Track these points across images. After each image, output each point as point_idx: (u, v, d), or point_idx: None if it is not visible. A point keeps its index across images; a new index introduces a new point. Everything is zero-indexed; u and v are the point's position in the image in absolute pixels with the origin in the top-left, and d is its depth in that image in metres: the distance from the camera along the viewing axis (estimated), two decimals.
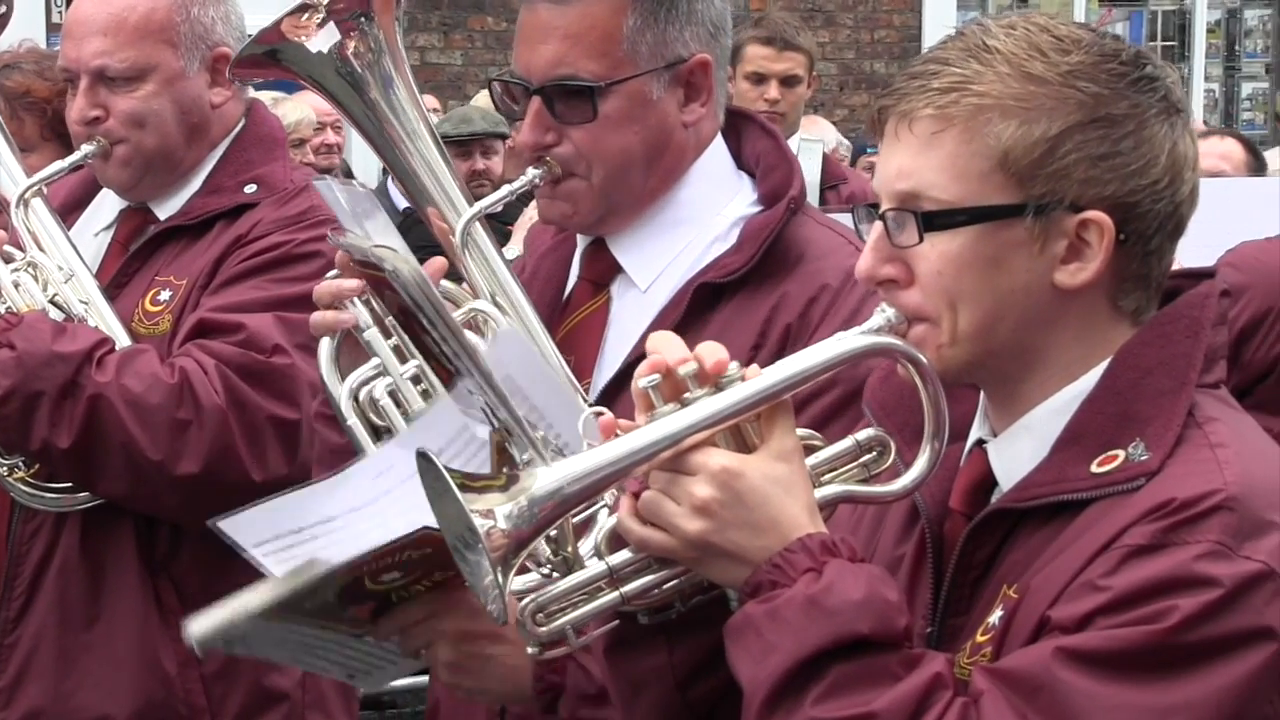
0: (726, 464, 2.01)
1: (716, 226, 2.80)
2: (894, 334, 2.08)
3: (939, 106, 2.04)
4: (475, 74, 12.82)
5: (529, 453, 2.08)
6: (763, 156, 2.85)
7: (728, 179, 2.85)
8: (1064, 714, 1.90)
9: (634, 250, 2.81)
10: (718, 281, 2.72)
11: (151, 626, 3.59)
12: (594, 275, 2.86)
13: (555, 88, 2.71)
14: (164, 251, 3.67)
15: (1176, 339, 2.07)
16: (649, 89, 2.73)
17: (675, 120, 2.77)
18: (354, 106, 2.84)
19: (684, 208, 2.80)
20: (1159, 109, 2.06)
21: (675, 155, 2.78)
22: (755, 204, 2.82)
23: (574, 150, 2.73)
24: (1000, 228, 2.04)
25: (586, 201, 2.76)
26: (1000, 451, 2.13)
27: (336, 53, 2.84)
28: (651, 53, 2.72)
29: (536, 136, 2.74)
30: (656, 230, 2.80)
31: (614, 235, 2.82)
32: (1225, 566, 1.91)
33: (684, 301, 2.73)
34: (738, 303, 2.71)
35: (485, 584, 1.96)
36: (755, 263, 2.71)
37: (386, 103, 2.83)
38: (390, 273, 2.00)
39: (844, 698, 1.94)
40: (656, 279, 2.80)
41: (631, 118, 2.73)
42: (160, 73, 3.61)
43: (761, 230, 2.74)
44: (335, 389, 2.70)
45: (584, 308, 2.85)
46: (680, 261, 2.79)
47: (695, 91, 2.78)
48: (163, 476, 3.45)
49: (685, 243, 2.80)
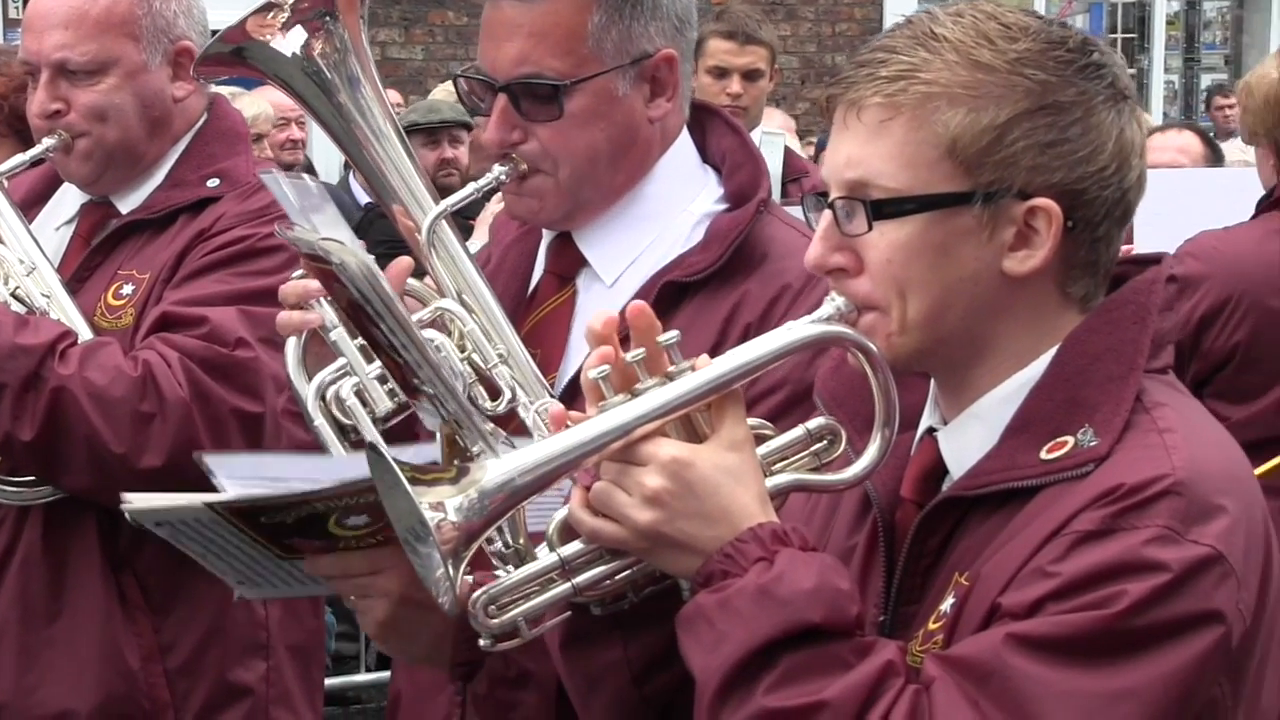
0: (677, 454, 2.01)
1: (683, 223, 2.81)
2: (844, 323, 2.08)
3: (887, 95, 2.05)
4: (436, 69, 12.82)
5: (479, 444, 2.08)
6: (729, 154, 2.85)
7: (693, 174, 2.85)
8: (1014, 700, 1.90)
9: (600, 244, 2.82)
10: (684, 280, 2.73)
11: (114, 621, 3.59)
12: (560, 269, 2.86)
13: (521, 85, 2.71)
14: (126, 245, 3.67)
15: (1124, 325, 2.07)
16: (615, 85, 2.73)
17: (641, 116, 2.77)
18: (320, 105, 2.84)
19: (650, 203, 2.81)
20: (1106, 96, 2.07)
21: (642, 151, 2.79)
22: (721, 201, 2.82)
23: (540, 147, 2.73)
24: (949, 216, 2.04)
25: (553, 198, 2.76)
26: (950, 439, 2.14)
27: (303, 52, 2.83)
28: (617, 49, 2.72)
29: (502, 134, 2.74)
30: (623, 225, 2.80)
31: (580, 229, 2.82)
32: (1173, 551, 1.92)
33: (649, 298, 2.71)
34: (700, 301, 2.72)
35: (436, 576, 1.96)
36: (722, 263, 2.72)
37: (353, 102, 2.82)
38: (337, 266, 1.99)
39: (796, 686, 1.94)
40: (622, 274, 2.80)
41: (597, 114, 2.73)
42: (122, 66, 3.60)
43: (730, 231, 2.74)
44: (302, 388, 2.70)
45: (550, 301, 2.85)
46: (646, 257, 2.80)
47: (661, 87, 2.78)
48: (126, 469, 3.44)
49: (651, 237, 2.80)
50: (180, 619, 3.62)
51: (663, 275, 2.74)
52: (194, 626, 3.63)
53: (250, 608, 3.67)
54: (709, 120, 2.90)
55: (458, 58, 13.06)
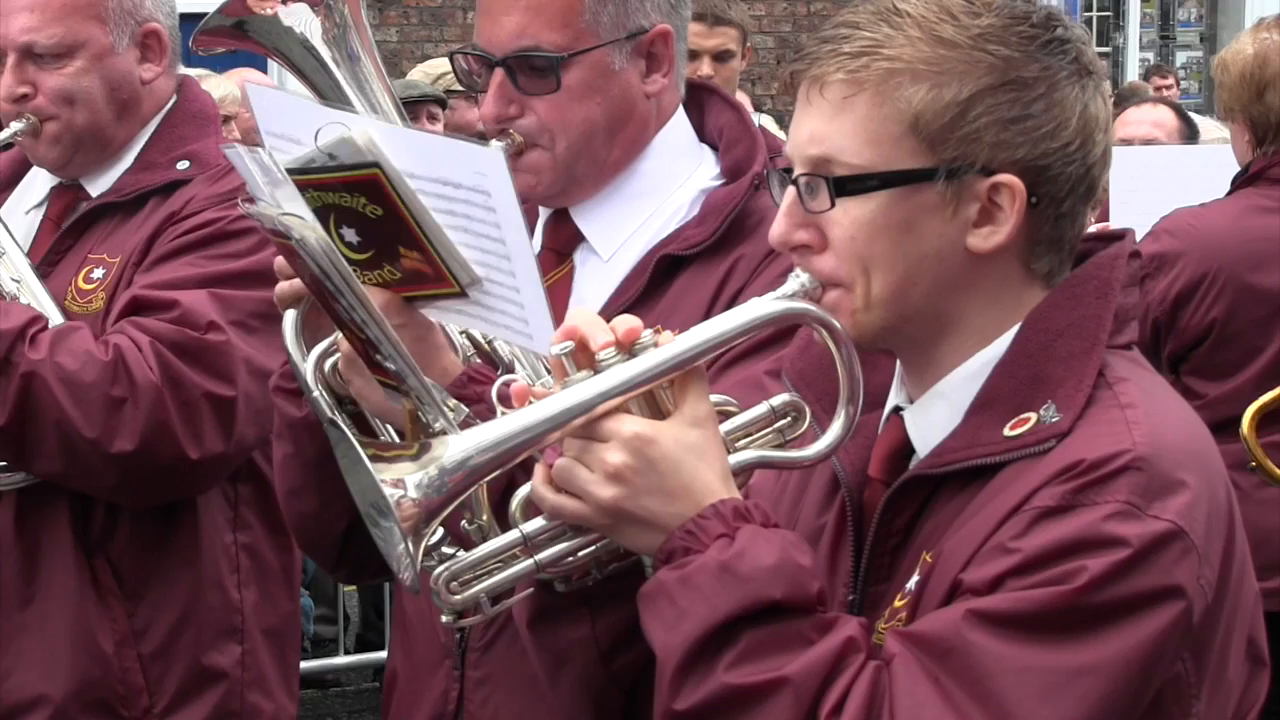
0: (639, 430, 2.00)
1: (679, 198, 2.82)
2: (808, 299, 2.08)
3: (850, 71, 2.04)
4: (411, 51, 12.80)
5: (441, 421, 2.08)
6: (726, 130, 2.86)
7: (690, 151, 2.86)
8: (974, 676, 1.90)
9: (597, 220, 2.82)
10: (680, 253, 2.74)
11: (88, 606, 3.58)
12: (557, 245, 2.87)
13: (518, 59, 2.72)
14: (97, 229, 3.65)
15: (1086, 300, 2.07)
16: (611, 60, 2.74)
17: (638, 91, 2.78)
18: (320, 80, 2.83)
19: (646, 179, 2.81)
20: (1070, 71, 2.06)
21: (638, 126, 2.79)
22: (718, 177, 2.83)
23: (537, 122, 2.74)
24: (912, 192, 2.04)
25: (549, 173, 2.76)
26: (916, 418, 2.14)
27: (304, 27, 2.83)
28: (613, 23, 2.73)
29: (499, 109, 2.75)
30: (619, 201, 2.81)
31: (576, 205, 2.83)
32: (1134, 526, 1.92)
33: (646, 271, 2.74)
34: (694, 272, 2.73)
35: (397, 553, 1.95)
36: (718, 237, 2.73)
37: (352, 77, 2.81)
38: (297, 241, 1.99)
39: (757, 662, 1.94)
40: (619, 249, 2.81)
41: (594, 89, 2.73)
42: (89, 49, 3.58)
43: (725, 204, 2.75)
44: (299, 360, 2.69)
45: (548, 277, 2.85)
46: (643, 232, 2.80)
47: (657, 62, 2.79)
48: (98, 454, 3.43)
49: (648, 213, 2.81)
50: (154, 603, 3.61)
51: (659, 249, 2.76)
52: (168, 611, 3.62)
53: (225, 591, 3.66)
54: (707, 98, 2.91)
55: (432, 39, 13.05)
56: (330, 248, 1.99)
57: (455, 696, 2.83)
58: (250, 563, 3.70)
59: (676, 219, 2.80)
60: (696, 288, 2.70)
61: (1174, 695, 1.98)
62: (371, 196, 2.29)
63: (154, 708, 3.62)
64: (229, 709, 3.68)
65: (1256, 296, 4.83)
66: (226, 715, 3.68)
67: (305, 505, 2.80)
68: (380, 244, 2.37)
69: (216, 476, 3.60)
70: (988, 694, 1.89)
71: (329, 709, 7.97)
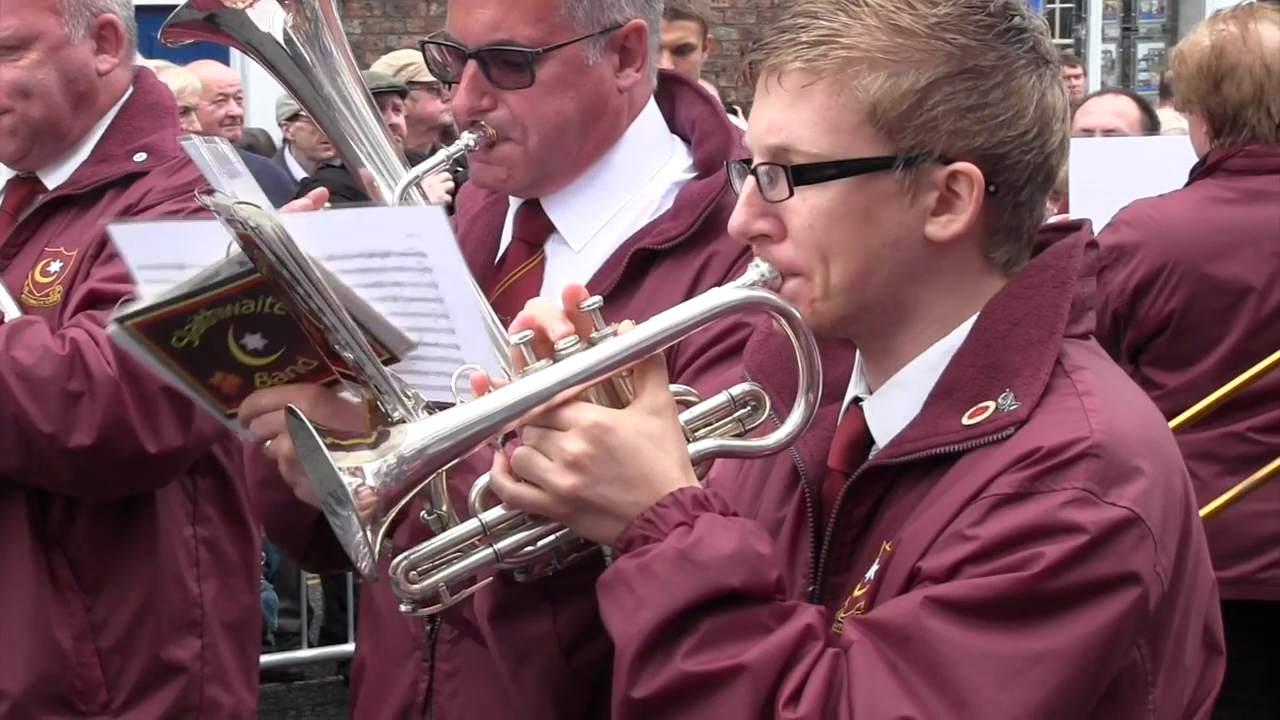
0: (598, 419, 2.00)
1: (651, 191, 2.82)
2: (767, 288, 2.08)
3: (807, 60, 2.04)
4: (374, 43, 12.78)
5: (399, 410, 2.07)
6: (698, 122, 2.86)
7: (661, 143, 2.86)
8: (932, 663, 1.90)
9: (568, 211, 2.82)
10: (654, 247, 2.74)
11: (45, 601, 3.56)
12: (528, 235, 2.87)
13: (491, 52, 2.72)
14: (53, 222, 3.63)
15: (1044, 290, 2.08)
16: (585, 54, 2.74)
17: (611, 85, 2.78)
18: (290, 72, 2.82)
19: (618, 171, 2.82)
20: (1027, 60, 2.07)
21: (610, 120, 2.80)
22: (690, 170, 2.84)
23: (510, 115, 2.73)
24: (870, 180, 2.04)
25: (521, 166, 2.76)
26: (875, 408, 2.14)
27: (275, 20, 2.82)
28: (588, 18, 2.73)
29: (472, 101, 2.74)
30: (591, 193, 2.81)
31: (548, 196, 2.83)
32: (1090, 513, 1.92)
33: (620, 265, 2.74)
34: (668, 266, 2.73)
35: (355, 541, 1.95)
36: (693, 231, 2.73)
37: (324, 69, 2.81)
38: (253, 230, 1.98)
39: (715, 650, 1.94)
40: (591, 240, 2.81)
41: (568, 83, 2.73)
42: (44, 41, 3.56)
43: (701, 198, 2.75)
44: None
45: (519, 268, 2.86)
46: (615, 224, 2.80)
47: (630, 56, 2.79)
48: (55, 449, 3.42)
49: (619, 205, 2.81)
50: (112, 598, 3.60)
51: (634, 242, 2.76)
52: (126, 605, 3.61)
53: (184, 585, 3.65)
54: (678, 90, 2.92)
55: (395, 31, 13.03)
56: (286, 236, 1.98)
57: (424, 688, 2.83)
58: (209, 556, 3.69)
59: (649, 212, 2.80)
60: (671, 283, 2.70)
61: (1130, 682, 1.99)
62: (277, 294, 2.32)
63: (113, 702, 3.60)
64: (188, 703, 3.67)
65: (1215, 287, 4.86)
66: (186, 709, 3.67)
67: (277, 496, 2.78)
68: (291, 339, 2.38)
69: (175, 470, 3.58)
70: (945, 681, 1.90)
71: (292, 702, 7.96)
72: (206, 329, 2.38)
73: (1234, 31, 4.84)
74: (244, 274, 2.29)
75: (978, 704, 1.89)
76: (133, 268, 2.56)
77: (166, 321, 2.40)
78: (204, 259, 2.37)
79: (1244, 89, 4.79)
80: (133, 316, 2.40)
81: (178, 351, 2.43)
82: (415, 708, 2.84)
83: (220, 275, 2.31)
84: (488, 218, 2.95)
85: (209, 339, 2.39)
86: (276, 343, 2.39)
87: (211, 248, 2.35)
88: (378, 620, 2.94)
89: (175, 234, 2.57)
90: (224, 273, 2.31)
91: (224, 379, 2.46)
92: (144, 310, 2.40)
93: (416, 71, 8.18)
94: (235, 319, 2.37)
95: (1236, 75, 4.79)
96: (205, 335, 2.39)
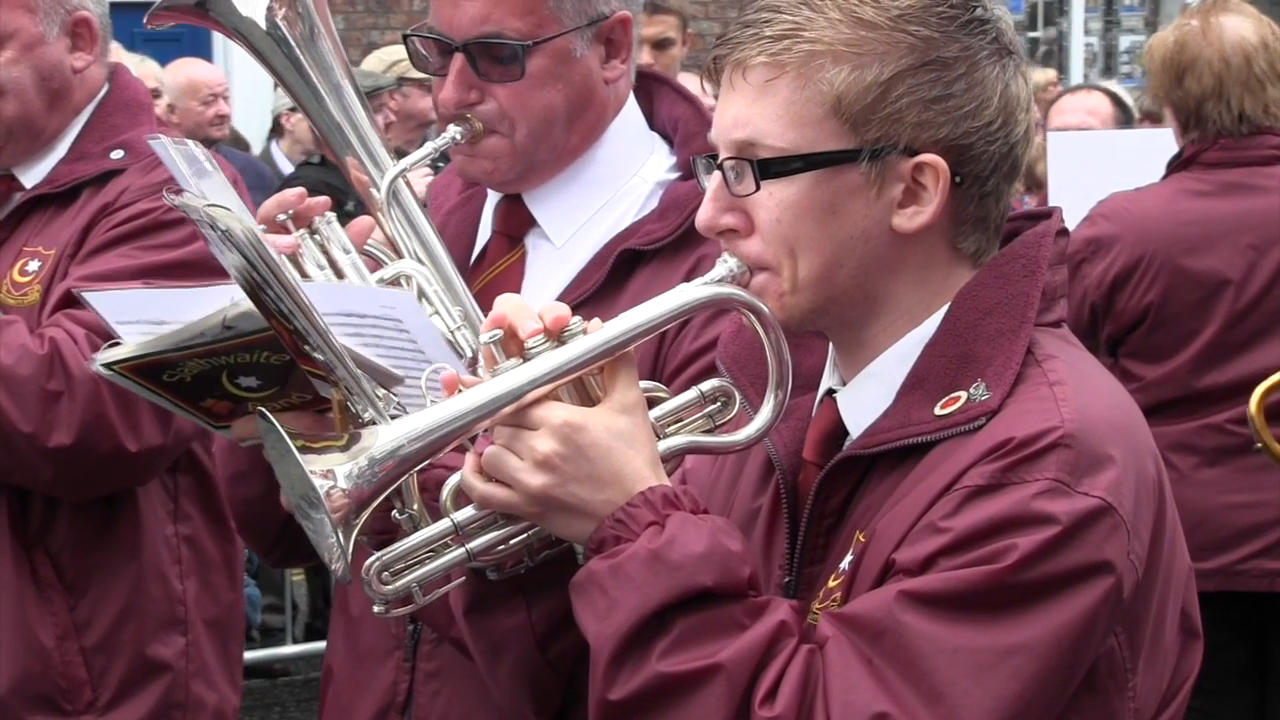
0: (568, 418, 2.00)
1: (635, 189, 2.81)
2: (736, 284, 2.08)
3: (772, 54, 2.04)
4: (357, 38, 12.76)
5: (370, 411, 2.07)
6: (682, 122, 2.85)
7: (642, 139, 2.85)
8: (907, 657, 1.91)
9: (550, 206, 2.81)
10: (640, 248, 2.72)
11: (27, 600, 3.55)
12: (508, 229, 2.85)
13: (480, 46, 2.70)
14: (31, 221, 3.62)
15: (1014, 279, 2.08)
16: (573, 46, 2.73)
17: (597, 78, 2.77)
18: (277, 61, 2.81)
19: (601, 166, 2.81)
20: (990, 51, 2.07)
21: (596, 113, 2.79)
22: (673, 169, 2.82)
23: (497, 108, 2.72)
24: (836, 173, 2.04)
25: (508, 159, 2.75)
26: (848, 400, 2.14)
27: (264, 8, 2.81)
28: (575, 9, 2.72)
29: (459, 94, 2.73)
30: (573, 188, 2.80)
31: (530, 191, 2.82)
32: (1063, 503, 1.93)
33: (606, 265, 2.73)
34: (655, 267, 2.72)
35: (328, 543, 1.95)
36: (680, 233, 2.72)
37: (311, 58, 2.79)
38: (223, 232, 1.98)
39: (690, 650, 1.94)
40: (572, 236, 2.80)
41: (555, 76, 2.72)
42: (18, 39, 3.55)
43: (688, 199, 2.73)
44: None
45: (499, 262, 2.85)
46: (597, 221, 2.79)
47: (616, 48, 2.78)
48: (35, 449, 3.41)
49: (602, 201, 2.80)
50: (95, 596, 3.59)
51: (619, 242, 2.74)
52: (109, 603, 3.60)
53: (166, 583, 3.64)
54: (656, 88, 2.90)
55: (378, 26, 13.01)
56: (256, 239, 1.98)
57: (405, 688, 2.81)
58: (191, 554, 3.68)
59: (634, 211, 2.79)
60: (658, 285, 2.66)
61: (1109, 670, 2.00)
62: (274, 349, 2.33)
63: (98, 701, 3.59)
64: (173, 700, 3.66)
65: (1191, 280, 4.87)
66: (171, 707, 3.66)
67: (249, 489, 2.78)
68: (284, 380, 2.40)
69: (155, 468, 3.57)
70: (920, 675, 1.90)
71: (277, 698, 7.95)
72: (200, 371, 2.39)
73: (1195, 25, 4.85)
74: (235, 336, 2.31)
75: (953, 697, 1.89)
76: (111, 324, 2.56)
77: (157, 366, 2.41)
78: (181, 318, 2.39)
79: (1204, 82, 4.80)
80: (121, 362, 2.41)
81: (168, 385, 2.44)
82: (394, 708, 2.82)
83: (209, 337, 2.32)
84: (464, 212, 2.93)
85: (201, 377, 2.40)
86: (270, 383, 2.40)
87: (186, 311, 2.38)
88: (353, 620, 2.92)
89: (147, 299, 2.58)
90: (210, 335, 2.33)
91: (216, 403, 2.47)
92: (131, 357, 2.41)
93: (408, 68, 8.17)
94: (230, 366, 2.38)
95: (1197, 69, 4.80)
96: (198, 375, 2.40)
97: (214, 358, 2.36)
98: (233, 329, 2.32)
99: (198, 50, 10.38)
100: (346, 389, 2.08)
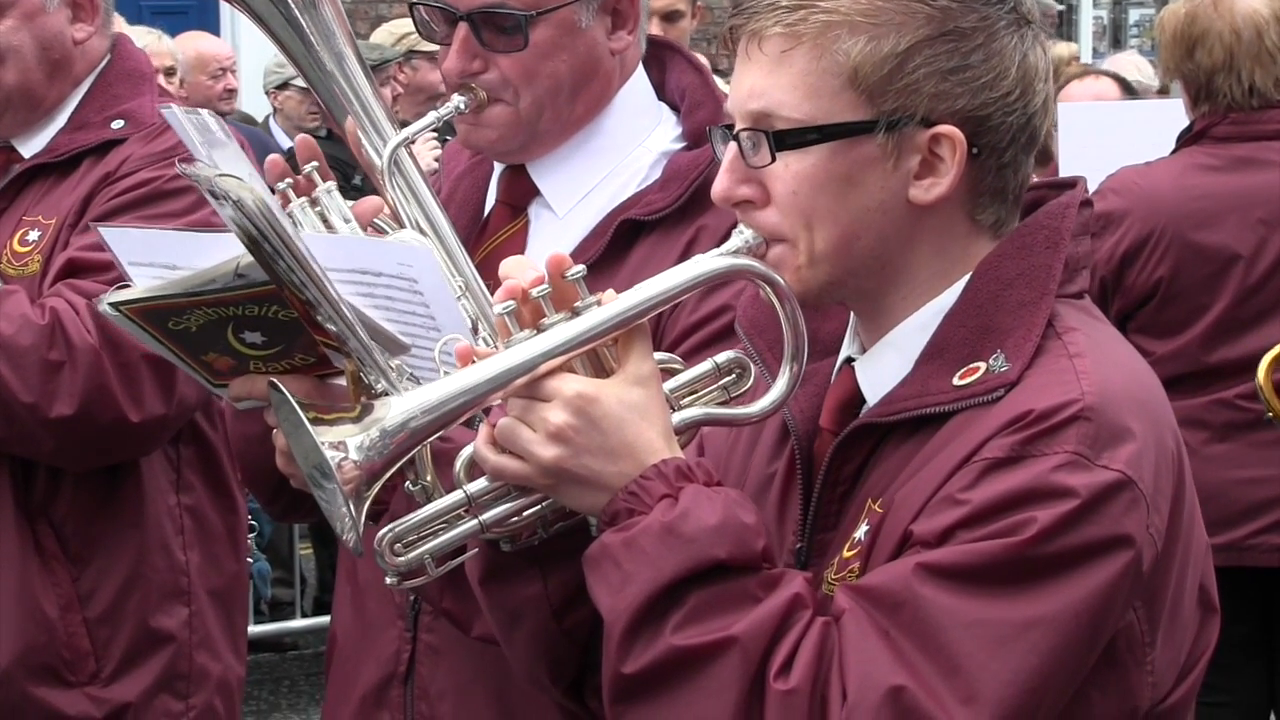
0: (582, 389, 1.99)
1: (639, 159, 2.80)
2: (752, 255, 2.06)
3: (788, 24, 2.02)
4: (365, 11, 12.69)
5: (383, 382, 2.05)
6: (689, 92, 2.84)
7: (649, 109, 2.84)
8: (925, 629, 1.89)
9: (553, 176, 2.80)
10: (642, 218, 2.71)
11: (31, 571, 3.54)
12: (511, 199, 2.84)
13: (483, 15, 2.69)
14: (31, 190, 3.60)
15: (1036, 250, 2.06)
16: (578, 17, 2.71)
17: (603, 48, 2.76)
18: (283, 33, 2.78)
19: (606, 136, 2.79)
20: (1008, 21, 2.05)
21: (602, 83, 2.77)
22: (679, 139, 2.81)
23: (501, 77, 2.71)
24: (852, 145, 2.02)
25: (511, 129, 2.74)
26: (866, 368, 2.13)
27: None
28: None
29: (463, 64, 2.72)
30: (577, 158, 2.79)
31: (534, 160, 2.81)
32: (1082, 476, 1.91)
33: (607, 234, 2.72)
34: (656, 238, 2.71)
35: (340, 515, 1.93)
36: (682, 203, 2.71)
37: (313, 25, 2.77)
38: (235, 202, 1.96)
39: (704, 623, 1.93)
40: (575, 206, 2.79)
41: (560, 46, 2.71)
42: (19, 8, 3.54)
43: (690, 170, 2.73)
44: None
45: (502, 231, 2.84)
46: (600, 191, 2.78)
47: (623, 19, 2.77)
48: (36, 419, 3.40)
49: (605, 172, 2.79)
50: (99, 567, 3.58)
51: (620, 213, 2.73)
52: (113, 574, 3.59)
53: (170, 554, 3.64)
54: (669, 57, 2.89)
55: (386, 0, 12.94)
56: (268, 209, 1.97)
57: (406, 658, 2.81)
58: (194, 524, 3.67)
59: (636, 181, 2.78)
60: (659, 256, 2.68)
61: (1127, 644, 1.98)
62: (283, 304, 2.32)
63: (101, 671, 3.59)
64: (177, 671, 3.66)
65: (1201, 254, 4.85)
66: (174, 677, 3.66)
67: (249, 427, 2.76)
68: (289, 339, 2.38)
69: (158, 439, 3.56)
70: (938, 647, 1.89)
71: (286, 672, 7.96)
72: (205, 321, 2.38)
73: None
74: (246, 285, 2.30)
75: (970, 670, 1.88)
76: (123, 263, 2.55)
77: (163, 310, 2.40)
78: (195, 264, 2.37)
79: (1215, 55, 4.78)
80: (129, 303, 2.38)
81: (173, 333, 2.43)
82: (396, 678, 2.82)
83: (219, 284, 2.31)
84: (472, 178, 2.93)
85: (207, 328, 2.39)
86: (275, 340, 2.38)
87: (202, 257, 2.35)
88: (359, 588, 2.92)
89: (164, 241, 2.57)
90: (221, 282, 2.31)
91: (217, 358, 2.46)
92: (140, 299, 2.39)
93: (417, 41, 8.15)
94: (236, 318, 2.37)
95: (1207, 41, 4.78)
96: (203, 325, 2.39)
97: (222, 307, 2.35)
98: (245, 277, 2.30)
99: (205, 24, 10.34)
100: (359, 359, 2.07)
